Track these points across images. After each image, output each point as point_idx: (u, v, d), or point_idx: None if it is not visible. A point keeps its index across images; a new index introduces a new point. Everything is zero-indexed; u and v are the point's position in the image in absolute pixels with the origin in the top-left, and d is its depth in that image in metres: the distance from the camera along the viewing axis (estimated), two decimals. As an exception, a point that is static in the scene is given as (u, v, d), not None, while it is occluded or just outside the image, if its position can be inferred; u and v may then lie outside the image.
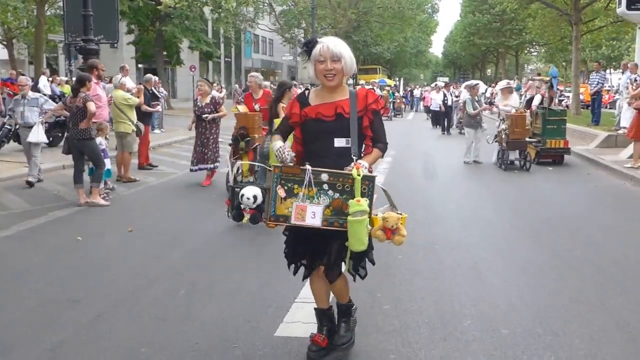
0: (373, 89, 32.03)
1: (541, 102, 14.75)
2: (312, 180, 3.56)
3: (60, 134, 16.44)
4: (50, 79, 25.32)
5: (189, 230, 7.81)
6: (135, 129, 11.73)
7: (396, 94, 40.35)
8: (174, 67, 40.30)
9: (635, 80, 15.62)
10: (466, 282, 5.66)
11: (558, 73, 20.81)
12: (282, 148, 3.65)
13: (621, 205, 9.85)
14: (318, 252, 3.82)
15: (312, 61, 3.77)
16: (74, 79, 23.73)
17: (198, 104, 11.19)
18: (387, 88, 40.74)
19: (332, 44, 3.70)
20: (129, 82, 13.07)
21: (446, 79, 74.40)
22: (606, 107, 25.35)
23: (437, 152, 17.08)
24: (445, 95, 24.67)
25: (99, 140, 9.89)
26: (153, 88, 16.39)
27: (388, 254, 5.87)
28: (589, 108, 21.97)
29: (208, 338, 4.35)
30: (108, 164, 10.28)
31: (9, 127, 14.65)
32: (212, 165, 11.14)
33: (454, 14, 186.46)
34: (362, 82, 42.94)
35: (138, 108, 12.16)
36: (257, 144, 9.82)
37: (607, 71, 42.50)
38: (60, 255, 6.67)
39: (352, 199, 3.51)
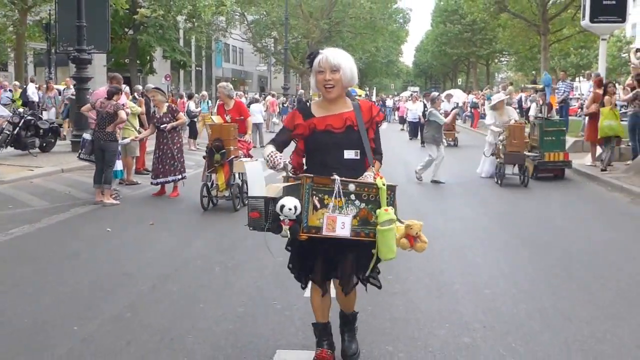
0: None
1: (540, 111, 14.48)
2: (342, 191, 3.58)
3: (53, 140, 17.12)
4: (37, 85, 25.85)
5: (204, 223, 8.87)
6: (138, 135, 12.69)
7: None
8: (146, 76, 40.43)
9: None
10: (453, 260, 6.77)
11: (552, 80, 20.84)
12: (273, 153, 3.75)
13: (585, 201, 11.10)
14: (331, 265, 3.83)
15: (313, 72, 3.84)
16: (55, 86, 24.34)
17: (157, 115, 10.99)
18: (358, 98, 41.39)
19: (331, 56, 3.77)
20: None
21: (416, 89, 75.16)
22: (576, 115, 26.58)
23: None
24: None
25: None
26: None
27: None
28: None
29: (250, 298, 5.39)
30: (120, 165, 11.22)
31: (7, 132, 15.42)
32: (179, 177, 10.97)
33: (424, 23, 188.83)
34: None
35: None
36: (232, 156, 9.62)
37: (577, 79, 44.00)
38: (98, 242, 7.61)
39: (378, 208, 3.59)
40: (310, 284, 4.01)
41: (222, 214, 9.49)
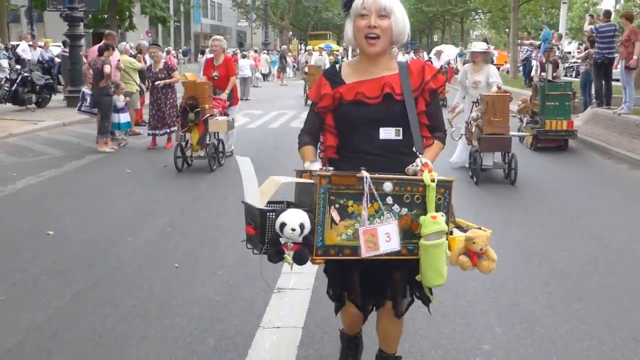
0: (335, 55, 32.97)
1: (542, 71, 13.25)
2: (375, 193, 2.58)
3: (48, 96, 17.92)
4: (30, 43, 26.30)
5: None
6: (138, 89, 13.90)
7: (344, 59, 41.31)
8: (126, 32, 40.53)
9: (558, 47, 18.28)
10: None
11: (551, 36, 19.61)
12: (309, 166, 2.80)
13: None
14: (374, 285, 2.89)
15: (351, 16, 2.82)
16: (38, 42, 24.90)
17: (153, 70, 11.59)
18: (336, 52, 41.78)
19: None
20: None
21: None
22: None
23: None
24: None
25: (120, 97, 11.93)
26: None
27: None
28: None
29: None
30: (127, 117, 12.36)
31: (6, 88, 16.37)
32: (170, 130, 11.47)
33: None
34: (309, 47, 44.41)
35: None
36: (207, 115, 9.41)
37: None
38: (122, 181, 8.90)
39: (424, 214, 2.62)
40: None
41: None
